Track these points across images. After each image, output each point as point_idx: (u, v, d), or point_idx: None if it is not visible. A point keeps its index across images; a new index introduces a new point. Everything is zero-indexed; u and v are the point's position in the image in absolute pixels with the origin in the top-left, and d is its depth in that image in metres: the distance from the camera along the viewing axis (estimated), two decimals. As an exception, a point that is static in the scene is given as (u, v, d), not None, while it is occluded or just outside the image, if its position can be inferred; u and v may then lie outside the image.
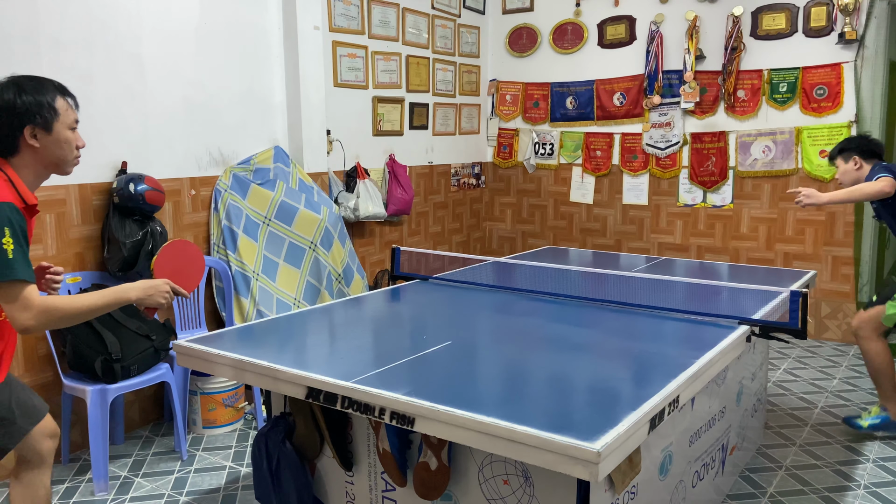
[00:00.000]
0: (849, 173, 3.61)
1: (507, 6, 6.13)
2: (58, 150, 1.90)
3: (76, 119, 1.94)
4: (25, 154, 1.87)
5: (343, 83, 4.68)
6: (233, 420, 3.60)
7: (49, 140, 1.88)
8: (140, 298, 1.98)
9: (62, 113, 1.89)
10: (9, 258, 1.71)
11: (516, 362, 2.14)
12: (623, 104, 5.65)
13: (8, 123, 1.82)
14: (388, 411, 1.77)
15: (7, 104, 1.82)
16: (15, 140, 1.84)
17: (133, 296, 1.97)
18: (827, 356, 4.70)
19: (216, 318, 3.88)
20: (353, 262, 4.35)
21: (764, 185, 5.19)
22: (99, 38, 3.30)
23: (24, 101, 1.83)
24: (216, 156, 3.91)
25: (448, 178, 5.90)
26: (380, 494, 2.20)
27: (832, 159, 3.75)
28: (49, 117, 1.86)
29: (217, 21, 3.85)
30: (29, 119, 1.83)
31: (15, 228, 1.73)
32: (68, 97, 1.93)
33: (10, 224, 1.72)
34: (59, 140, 1.89)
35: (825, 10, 4.84)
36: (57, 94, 1.89)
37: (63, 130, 1.90)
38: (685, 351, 2.18)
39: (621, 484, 1.79)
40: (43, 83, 1.88)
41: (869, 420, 3.41)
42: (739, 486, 2.95)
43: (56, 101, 1.88)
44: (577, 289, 3.02)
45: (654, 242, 5.68)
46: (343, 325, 2.65)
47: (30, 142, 1.85)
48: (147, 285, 2.00)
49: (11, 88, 1.84)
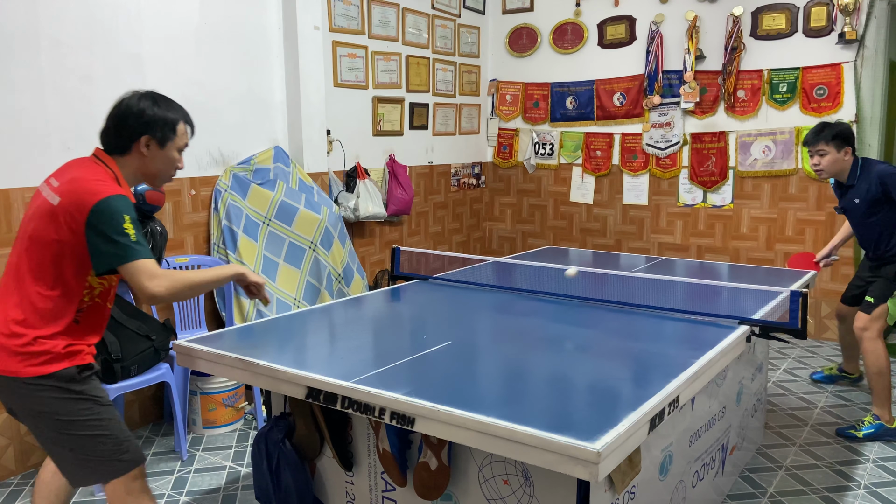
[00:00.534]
0: (837, 163, 3.45)
1: (507, 6, 6.13)
2: (160, 165, 2.07)
3: (187, 144, 2.13)
4: (133, 157, 2.03)
5: (343, 83, 4.68)
6: (233, 420, 3.60)
7: (158, 154, 2.05)
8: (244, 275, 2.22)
9: (178, 135, 2.07)
10: (132, 241, 1.87)
11: (516, 362, 2.14)
12: (623, 104, 5.65)
13: (132, 126, 1.99)
14: (388, 411, 1.77)
15: (139, 110, 1.99)
16: (130, 143, 2.01)
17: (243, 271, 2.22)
18: (827, 356, 4.70)
19: (216, 318, 3.88)
20: (353, 262, 4.35)
21: (764, 185, 5.19)
22: (99, 38, 3.31)
23: (153, 112, 2.01)
24: (216, 156, 3.91)
25: (448, 178, 5.90)
26: (380, 494, 2.20)
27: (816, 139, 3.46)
28: (167, 135, 2.04)
29: (217, 21, 3.85)
30: (150, 130, 2.00)
31: (132, 215, 1.89)
32: (189, 126, 2.11)
33: (129, 211, 1.89)
34: (166, 156, 2.07)
35: (825, 10, 4.84)
36: (181, 119, 2.08)
37: (172, 150, 2.07)
38: (685, 351, 2.18)
39: (621, 484, 1.79)
40: (174, 106, 2.08)
41: (864, 430, 3.40)
42: (739, 486, 2.95)
43: (178, 125, 2.06)
44: (577, 289, 3.02)
45: (654, 242, 5.68)
46: (343, 325, 2.65)
47: (142, 149, 2.02)
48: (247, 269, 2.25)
49: (148, 99, 2.03)
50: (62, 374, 1.91)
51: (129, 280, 1.89)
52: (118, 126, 2.01)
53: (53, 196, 1.91)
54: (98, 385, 2.01)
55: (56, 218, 1.88)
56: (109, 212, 1.85)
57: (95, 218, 1.85)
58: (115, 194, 1.87)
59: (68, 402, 1.91)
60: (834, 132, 3.43)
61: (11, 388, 1.91)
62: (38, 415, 1.93)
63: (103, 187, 1.88)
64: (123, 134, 2.00)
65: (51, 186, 1.95)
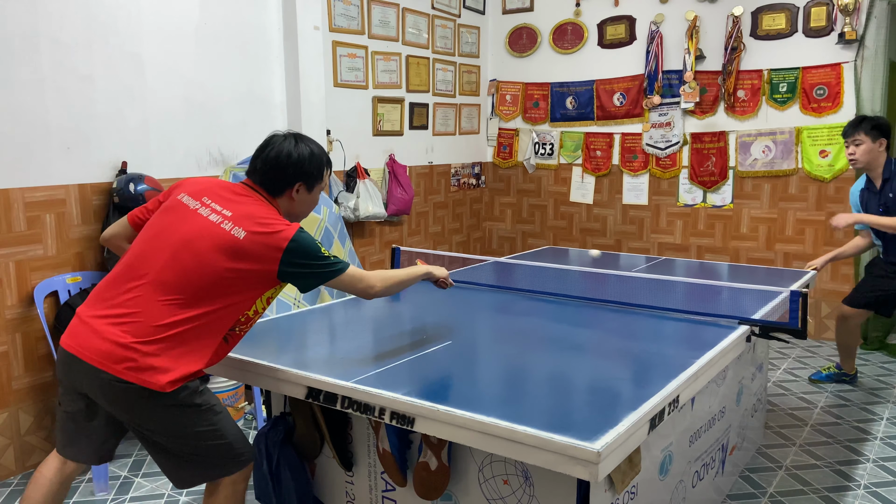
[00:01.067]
0: (872, 153, 3.59)
1: (507, 6, 6.13)
2: (304, 208, 2.18)
3: (326, 185, 2.24)
4: (284, 200, 2.12)
5: (343, 83, 4.68)
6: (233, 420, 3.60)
7: (306, 198, 2.16)
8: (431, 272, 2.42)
9: (324, 181, 2.18)
10: (333, 259, 2.02)
11: (516, 362, 2.14)
12: (623, 104, 5.65)
13: (290, 175, 2.09)
14: (388, 411, 1.77)
15: (297, 160, 2.08)
16: (285, 188, 2.10)
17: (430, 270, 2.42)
18: (827, 356, 4.70)
19: (216, 318, 3.87)
20: (354, 262, 4.35)
21: (764, 185, 5.19)
22: (99, 38, 3.30)
23: (311, 163, 2.11)
24: (216, 156, 3.91)
25: (448, 178, 5.90)
26: (380, 494, 2.20)
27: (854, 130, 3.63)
28: (316, 182, 2.15)
29: (217, 21, 3.85)
30: (305, 178, 2.11)
31: (319, 241, 2.11)
32: (330, 169, 2.21)
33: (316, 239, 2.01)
34: (311, 200, 2.18)
35: (825, 10, 4.84)
36: (327, 165, 2.19)
37: (317, 194, 2.19)
38: (685, 351, 2.18)
39: (621, 484, 1.79)
40: (324, 153, 2.18)
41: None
42: (739, 486, 2.95)
43: (325, 169, 2.17)
44: (577, 289, 3.02)
45: (654, 242, 5.68)
46: (343, 325, 2.65)
47: (293, 194, 2.11)
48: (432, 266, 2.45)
49: (304, 146, 2.11)
50: (188, 388, 1.91)
51: (347, 288, 2.07)
52: (275, 172, 2.07)
53: (234, 228, 1.94)
54: (211, 392, 2.03)
55: (238, 251, 1.91)
56: (304, 244, 1.96)
57: (295, 253, 1.94)
58: (299, 229, 1.98)
59: (190, 416, 1.93)
60: (872, 123, 3.61)
61: (125, 397, 1.88)
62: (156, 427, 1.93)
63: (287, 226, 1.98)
64: (280, 180, 2.08)
65: (218, 213, 1.97)
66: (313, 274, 1.99)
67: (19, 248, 3.08)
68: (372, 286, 2.10)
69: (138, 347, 1.85)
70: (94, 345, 1.88)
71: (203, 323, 1.92)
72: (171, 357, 1.87)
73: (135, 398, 1.88)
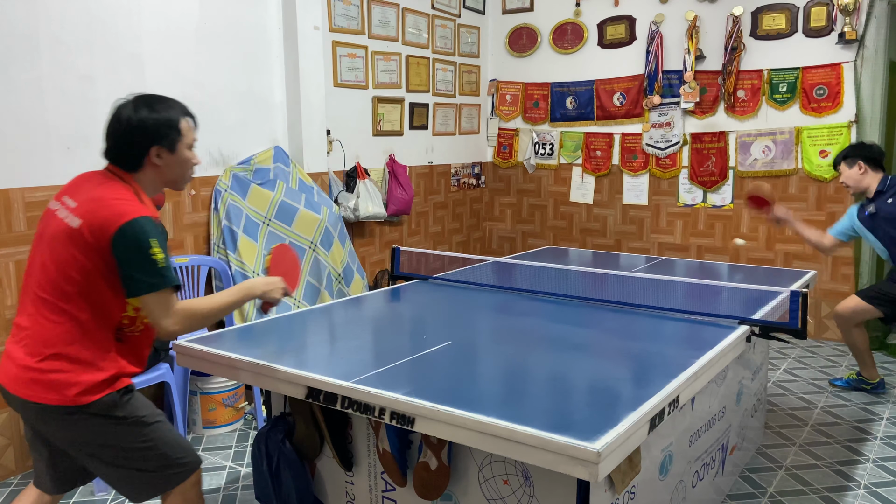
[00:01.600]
0: (853, 177, 3.82)
1: (507, 6, 6.13)
2: (178, 169, 1.97)
3: (195, 138, 2.01)
4: (148, 171, 1.93)
5: (343, 83, 4.68)
6: (233, 420, 3.60)
7: (172, 160, 1.94)
8: (264, 292, 2.11)
9: (185, 134, 1.95)
10: (160, 267, 1.79)
11: (516, 362, 2.14)
12: (623, 104, 5.65)
13: (139, 142, 1.89)
14: (388, 411, 1.77)
15: (139, 122, 1.88)
16: (142, 157, 1.91)
17: (258, 291, 2.09)
18: (827, 356, 4.70)
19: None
20: (353, 262, 4.35)
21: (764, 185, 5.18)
22: (99, 38, 3.31)
23: (155, 119, 1.89)
24: (216, 156, 3.91)
25: (448, 178, 5.90)
26: (380, 494, 2.20)
27: (836, 166, 3.93)
28: (174, 138, 1.93)
29: (217, 21, 3.85)
30: (157, 139, 1.90)
31: (159, 238, 1.81)
32: (189, 117, 1.99)
33: (156, 235, 1.80)
34: (181, 160, 1.96)
35: (825, 10, 4.84)
36: (181, 115, 1.96)
37: (184, 150, 1.96)
38: (685, 351, 2.18)
39: (621, 484, 1.79)
40: (170, 103, 1.95)
41: None
42: (739, 486, 2.95)
43: (181, 123, 1.94)
44: (577, 289, 3.02)
45: (654, 242, 5.68)
46: (343, 325, 2.65)
47: (154, 160, 1.92)
48: (267, 281, 2.13)
49: (143, 106, 1.90)
50: (104, 401, 1.83)
51: (146, 309, 1.83)
52: (123, 144, 1.90)
53: (73, 218, 1.81)
54: (140, 403, 1.94)
55: (79, 241, 1.79)
56: (135, 235, 1.76)
57: (122, 242, 1.76)
58: (140, 216, 1.78)
59: (113, 429, 1.85)
60: (844, 153, 3.87)
61: (46, 417, 1.83)
62: (83, 444, 1.88)
63: (128, 207, 1.79)
64: (132, 151, 1.90)
65: (67, 207, 1.85)
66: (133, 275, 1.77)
67: (19, 248, 3.08)
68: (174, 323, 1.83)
69: (36, 366, 1.80)
70: (9, 371, 1.85)
71: (82, 331, 1.82)
72: (69, 370, 1.80)
73: (53, 417, 1.82)
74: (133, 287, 1.80)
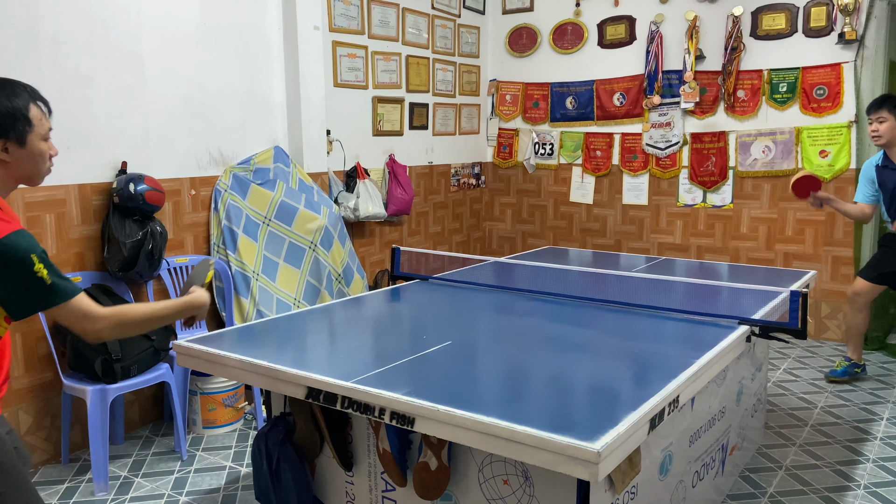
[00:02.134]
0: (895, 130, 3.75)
1: (507, 6, 6.13)
2: (31, 164, 1.71)
3: (50, 128, 1.75)
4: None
5: (343, 83, 4.68)
6: (233, 420, 3.60)
7: (22, 154, 1.68)
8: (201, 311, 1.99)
9: (36, 123, 1.69)
10: (48, 285, 1.59)
11: (516, 362, 2.14)
12: (623, 104, 5.65)
13: None
14: (388, 411, 1.77)
15: None
16: None
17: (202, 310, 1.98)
18: (827, 356, 4.70)
19: (216, 318, 3.88)
20: (353, 262, 4.35)
21: (764, 185, 5.19)
22: (99, 38, 3.30)
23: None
24: (216, 156, 3.91)
25: (448, 178, 5.90)
26: (380, 494, 2.20)
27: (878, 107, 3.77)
28: (23, 129, 1.66)
29: (217, 21, 3.85)
30: (2, 133, 1.64)
31: (38, 252, 1.58)
32: (41, 102, 1.73)
33: (34, 249, 1.58)
34: (33, 153, 1.70)
35: (825, 10, 4.84)
36: (30, 101, 1.69)
37: (37, 142, 1.70)
38: (685, 351, 2.18)
39: (621, 484, 1.79)
40: (15, 89, 1.68)
41: None
42: (739, 486, 2.95)
43: (30, 111, 1.68)
44: (577, 289, 3.02)
45: (654, 242, 5.68)
46: (343, 325, 2.65)
47: (2, 157, 1.66)
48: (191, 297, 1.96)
49: None
50: None
51: (66, 323, 1.67)
52: None
53: None
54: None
55: None
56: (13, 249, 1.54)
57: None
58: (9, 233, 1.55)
59: None
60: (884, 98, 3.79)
61: None
62: None
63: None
64: None
65: None
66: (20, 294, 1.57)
67: (19, 248, 3.07)
68: (100, 330, 1.68)
69: None
70: None
71: None
72: None
73: None
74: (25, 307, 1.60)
